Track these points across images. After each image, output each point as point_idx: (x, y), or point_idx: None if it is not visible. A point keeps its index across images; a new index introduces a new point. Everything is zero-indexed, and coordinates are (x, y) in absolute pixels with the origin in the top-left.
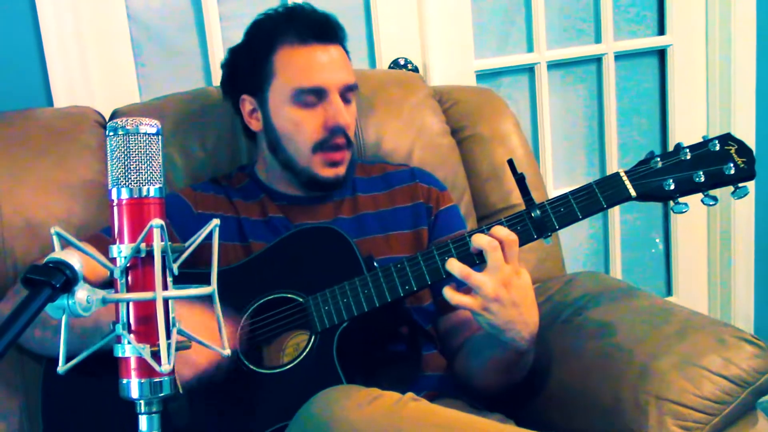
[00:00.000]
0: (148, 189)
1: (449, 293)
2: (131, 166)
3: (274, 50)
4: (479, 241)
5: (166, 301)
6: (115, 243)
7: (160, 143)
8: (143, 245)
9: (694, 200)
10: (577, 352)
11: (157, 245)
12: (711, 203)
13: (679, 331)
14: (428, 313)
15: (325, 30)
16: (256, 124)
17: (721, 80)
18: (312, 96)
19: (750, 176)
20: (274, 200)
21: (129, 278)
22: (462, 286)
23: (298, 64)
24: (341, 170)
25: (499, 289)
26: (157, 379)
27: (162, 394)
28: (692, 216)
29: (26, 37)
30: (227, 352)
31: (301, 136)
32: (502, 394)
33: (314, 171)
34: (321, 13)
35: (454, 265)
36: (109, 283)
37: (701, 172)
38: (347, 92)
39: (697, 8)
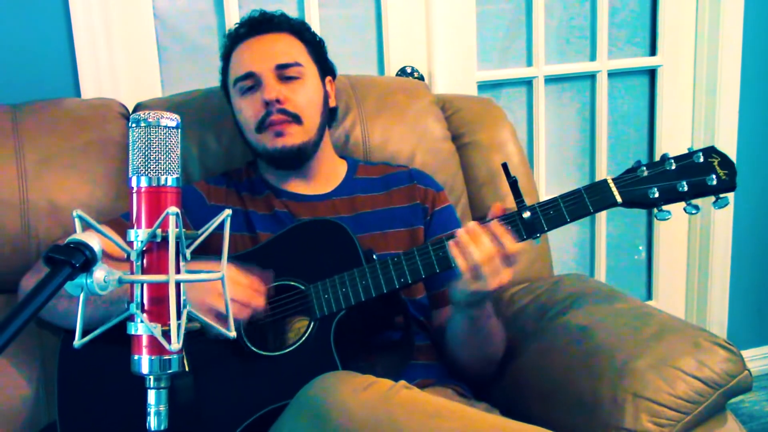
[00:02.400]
0: (166, 178)
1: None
2: (151, 157)
3: (229, 57)
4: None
5: (178, 284)
6: (132, 227)
7: (179, 136)
8: (159, 231)
9: (677, 208)
10: (560, 349)
11: (172, 231)
12: (693, 212)
13: (657, 334)
14: (422, 306)
15: (260, 22)
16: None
17: (707, 100)
18: (246, 82)
19: (731, 188)
20: (278, 196)
21: (144, 261)
22: (452, 279)
23: (236, 59)
24: (288, 141)
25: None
26: (166, 357)
27: (170, 371)
28: (674, 226)
29: (58, 33)
30: (233, 334)
31: (247, 121)
32: (482, 373)
33: (265, 145)
34: (260, 11)
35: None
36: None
37: (685, 182)
38: (284, 70)
39: (686, 32)
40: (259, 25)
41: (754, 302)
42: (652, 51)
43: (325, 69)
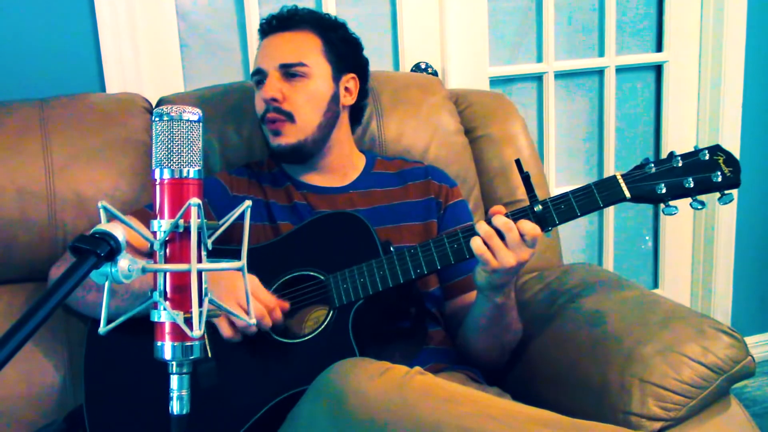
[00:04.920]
0: (188, 171)
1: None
2: (173, 149)
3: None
4: (480, 228)
5: (199, 272)
6: (156, 218)
7: (200, 130)
8: (181, 221)
9: (682, 204)
10: (570, 336)
11: (194, 222)
12: (699, 207)
13: (663, 321)
14: (434, 298)
15: (283, 20)
16: None
17: (711, 95)
18: (257, 76)
19: (735, 184)
20: (298, 188)
21: (167, 251)
22: (478, 265)
23: (256, 54)
24: (282, 140)
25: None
26: (188, 343)
27: (192, 357)
28: (679, 217)
29: (84, 30)
30: (253, 321)
31: (256, 112)
32: (496, 361)
33: (268, 139)
34: (290, 7)
35: (482, 227)
36: (149, 254)
37: (691, 179)
38: (288, 69)
39: (692, 29)
40: (281, 21)
41: (757, 291)
42: (659, 47)
43: (346, 67)
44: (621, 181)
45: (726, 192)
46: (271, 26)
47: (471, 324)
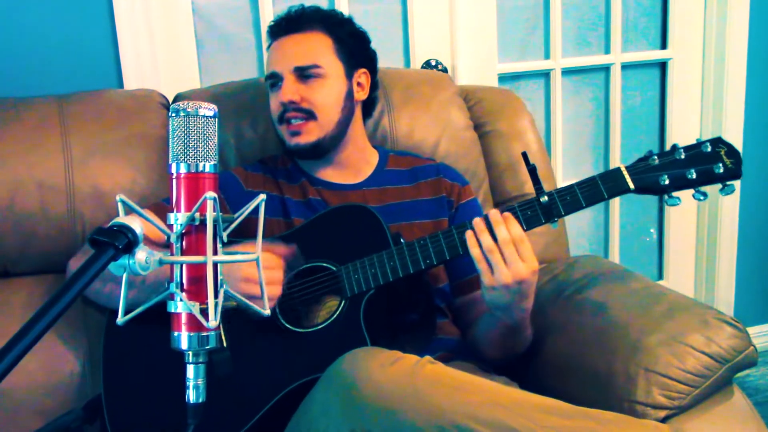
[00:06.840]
0: (204, 165)
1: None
2: (190, 144)
3: (269, 51)
4: (474, 251)
5: (215, 264)
6: (173, 211)
7: (216, 125)
8: (197, 214)
9: (686, 195)
10: (576, 326)
11: (210, 215)
12: (701, 198)
13: (668, 312)
14: (444, 294)
15: (292, 20)
16: None
17: (714, 92)
18: (271, 80)
19: (737, 176)
20: (313, 184)
21: (183, 243)
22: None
23: (268, 57)
24: (302, 139)
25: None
26: (204, 333)
27: (208, 347)
28: (683, 210)
29: (102, 27)
30: (267, 312)
31: (272, 114)
32: (505, 362)
33: (285, 139)
34: (297, 7)
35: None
36: (165, 247)
37: (693, 170)
38: (303, 71)
39: (695, 27)
40: (291, 23)
41: (760, 282)
42: (663, 45)
43: (357, 63)
44: (625, 173)
45: (728, 183)
46: (281, 28)
47: (480, 335)
